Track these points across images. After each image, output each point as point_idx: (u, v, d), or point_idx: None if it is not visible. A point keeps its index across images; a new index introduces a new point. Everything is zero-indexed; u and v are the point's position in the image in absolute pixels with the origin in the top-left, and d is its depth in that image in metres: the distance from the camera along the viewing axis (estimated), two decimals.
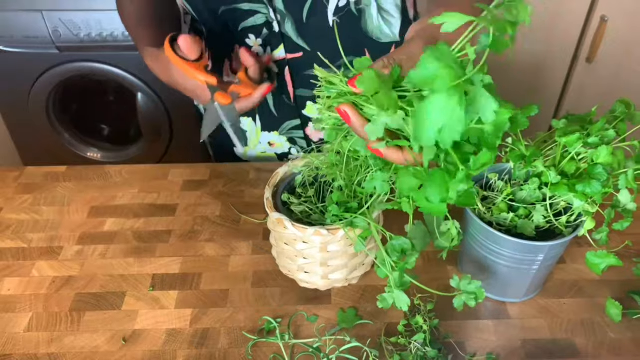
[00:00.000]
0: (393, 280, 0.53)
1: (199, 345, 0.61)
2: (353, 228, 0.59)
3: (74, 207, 0.80)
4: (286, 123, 0.88)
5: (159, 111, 1.78)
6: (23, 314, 0.65)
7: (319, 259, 0.63)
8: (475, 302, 0.53)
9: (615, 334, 0.62)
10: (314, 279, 0.66)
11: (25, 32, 1.63)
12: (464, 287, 0.54)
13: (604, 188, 0.57)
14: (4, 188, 0.84)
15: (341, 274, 0.66)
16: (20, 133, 1.87)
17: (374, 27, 0.79)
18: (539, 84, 1.83)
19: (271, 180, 0.67)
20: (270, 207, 0.63)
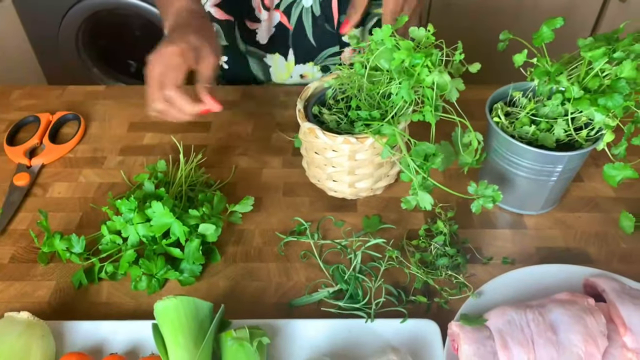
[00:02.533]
0: (417, 181, 0.57)
1: (234, 243, 0.67)
2: (380, 136, 0.62)
3: (115, 123, 0.85)
4: (325, 51, 0.90)
5: None
6: (73, 214, 0.71)
7: (347, 167, 0.67)
8: (492, 204, 0.57)
9: (627, 244, 0.66)
10: (342, 187, 0.70)
11: None
12: (481, 192, 0.57)
13: (625, 101, 0.59)
14: (48, 105, 0.89)
15: (367, 182, 0.70)
16: (51, 68, 1.91)
17: None
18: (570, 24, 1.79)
19: (303, 94, 0.70)
20: (302, 118, 0.66)
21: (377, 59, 0.62)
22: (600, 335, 0.48)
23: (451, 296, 0.59)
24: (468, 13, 1.72)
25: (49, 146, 0.80)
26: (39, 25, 1.79)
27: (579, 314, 0.50)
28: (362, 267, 0.62)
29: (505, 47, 0.68)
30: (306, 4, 0.84)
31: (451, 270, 0.61)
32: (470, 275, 0.62)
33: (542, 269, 0.61)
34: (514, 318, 0.51)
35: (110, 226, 0.64)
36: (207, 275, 0.63)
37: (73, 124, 0.85)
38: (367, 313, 0.57)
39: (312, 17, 0.85)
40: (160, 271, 0.61)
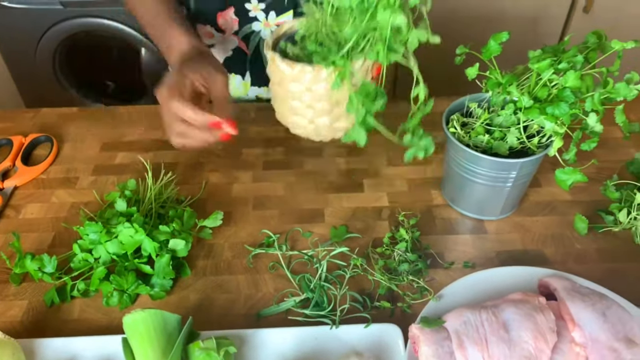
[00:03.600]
0: (358, 114, 0.59)
1: (204, 257, 0.68)
2: (334, 68, 0.61)
3: (87, 143, 0.87)
4: None
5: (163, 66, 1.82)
6: (46, 234, 0.72)
7: (307, 101, 0.65)
8: (425, 154, 0.60)
9: (581, 245, 0.69)
10: (303, 122, 0.68)
11: None
12: (414, 142, 0.60)
13: (571, 110, 0.62)
14: (21, 128, 0.90)
15: (326, 119, 0.67)
16: (28, 89, 1.92)
17: None
18: (537, 34, 1.85)
19: (275, 32, 0.69)
20: (268, 48, 0.66)
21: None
22: (550, 332, 0.51)
23: (413, 300, 0.62)
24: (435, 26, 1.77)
25: (22, 168, 0.81)
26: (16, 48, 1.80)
27: (530, 312, 0.52)
28: (328, 275, 0.64)
29: (462, 60, 0.71)
30: (263, 35, 0.88)
31: (412, 275, 0.63)
32: (431, 280, 0.64)
33: (500, 271, 0.64)
34: (470, 318, 0.53)
35: (81, 245, 0.65)
36: (177, 289, 0.65)
37: (46, 145, 0.86)
38: (332, 320, 0.59)
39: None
40: (132, 286, 0.63)
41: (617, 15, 1.80)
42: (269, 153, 0.84)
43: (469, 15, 1.75)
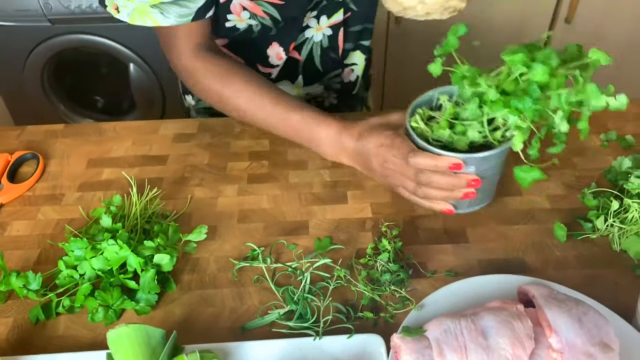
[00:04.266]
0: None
1: (189, 271, 0.69)
2: None
3: (73, 160, 0.87)
4: (329, 74, 0.99)
5: (151, 81, 1.84)
6: (32, 251, 0.72)
7: None
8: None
9: (560, 253, 0.70)
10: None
11: (17, 6, 1.67)
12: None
13: (536, 104, 0.61)
14: (7, 145, 0.90)
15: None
16: (17, 106, 1.93)
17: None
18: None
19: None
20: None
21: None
22: (527, 338, 0.52)
23: (396, 310, 0.63)
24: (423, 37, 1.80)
25: (8, 186, 0.81)
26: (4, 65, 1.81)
27: (508, 319, 0.53)
28: (312, 287, 0.65)
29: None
30: (316, 39, 0.91)
31: (394, 285, 0.64)
32: (413, 289, 0.65)
33: (481, 279, 0.65)
34: (450, 327, 0.54)
35: (67, 261, 0.66)
36: (163, 303, 0.66)
37: (32, 162, 0.87)
38: (315, 331, 0.60)
39: (320, 48, 0.93)
40: (117, 302, 0.63)
41: (598, 26, 1.83)
42: (254, 166, 0.85)
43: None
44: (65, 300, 0.64)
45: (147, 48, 1.78)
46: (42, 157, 0.86)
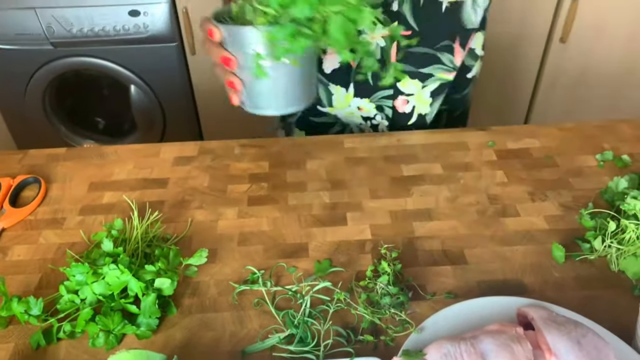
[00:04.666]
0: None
1: (190, 295, 0.69)
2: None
3: (75, 183, 0.88)
4: (379, 92, 0.98)
5: (152, 103, 1.86)
6: (33, 275, 0.73)
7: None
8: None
9: (559, 274, 0.70)
10: None
11: (20, 30, 1.70)
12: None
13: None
14: (9, 169, 0.91)
15: None
16: (18, 128, 1.94)
17: (467, 15, 0.92)
18: (516, 64, 1.91)
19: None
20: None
21: None
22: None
23: (396, 333, 0.63)
24: None
25: (10, 210, 0.82)
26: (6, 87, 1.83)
27: (507, 342, 0.53)
28: (312, 311, 0.65)
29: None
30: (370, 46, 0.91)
31: (394, 308, 0.64)
32: (413, 312, 0.66)
33: (480, 301, 0.65)
34: (450, 350, 0.54)
35: (68, 286, 0.66)
36: (163, 328, 0.66)
37: (34, 186, 0.87)
38: (316, 355, 0.60)
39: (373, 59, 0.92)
40: (118, 326, 0.63)
41: (592, 45, 1.86)
42: (254, 189, 0.86)
43: None
44: (67, 325, 0.64)
45: (148, 70, 1.80)
46: (44, 180, 0.87)
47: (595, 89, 1.94)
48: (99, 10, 1.66)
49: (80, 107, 1.99)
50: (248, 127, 1.94)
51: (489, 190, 0.84)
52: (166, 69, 1.79)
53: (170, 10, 1.69)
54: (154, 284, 0.66)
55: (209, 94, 1.87)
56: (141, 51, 1.76)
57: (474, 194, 0.83)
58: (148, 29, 1.70)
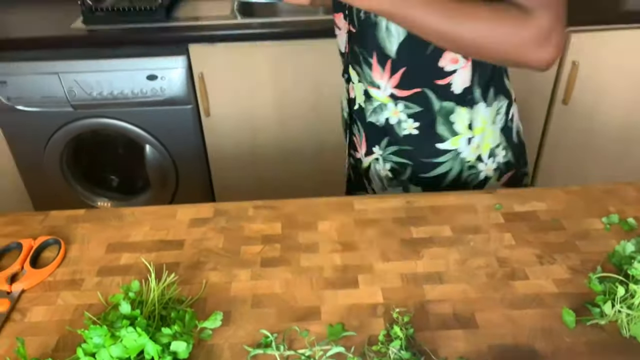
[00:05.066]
0: None
1: (204, 358, 0.70)
2: None
3: (93, 245, 0.91)
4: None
5: (166, 162, 1.91)
6: (51, 337, 0.74)
7: None
8: None
9: (570, 339, 0.71)
10: None
11: (43, 93, 1.78)
12: None
13: None
14: (31, 230, 0.94)
15: None
16: (35, 185, 1.99)
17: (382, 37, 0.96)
18: None
19: None
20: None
21: None
22: None
23: None
24: None
25: (30, 271, 0.84)
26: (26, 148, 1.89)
27: None
28: None
29: None
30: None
31: None
32: None
33: None
34: None
35: (85, 349, 0.67)
36: None
37: (54, 247, 0.90)
38: None
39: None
40: None
41: (594, 107, 1.91)
42: (267, 250, 0.88)
43: None
44: None
45: (163, 130, 1.87)
46: (63, 242, 0.90)
47: (599, 149, 1.98)
48: (119, 75, 1.74)
49: (96, 166, 2.05)
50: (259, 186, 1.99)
51: (497, 253, 0.85)
52: (181, 129, 1.86)
53: (186, 75, 1.77)
54: (170, 347, 0.67)
55: (222, 154, 1.92)
56: (157, 113, 1.83)
57: (483, 256, 0.85)
58: (165, 92, 1.77)
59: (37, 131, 1.83)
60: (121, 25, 1.74)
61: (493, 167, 1.07)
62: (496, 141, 1.05)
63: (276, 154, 1.92)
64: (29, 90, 1.75)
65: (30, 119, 1.80)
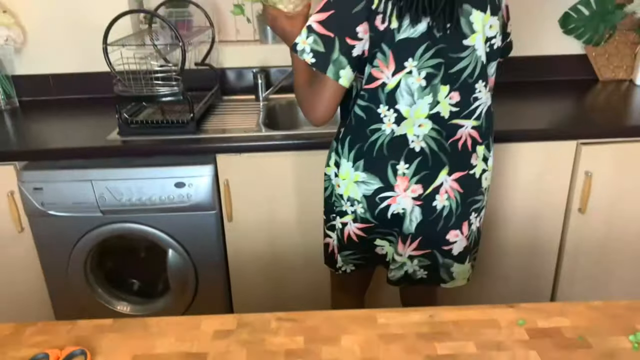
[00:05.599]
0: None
1: None
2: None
3: (119, 356, 0.91)
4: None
5: (187, 266, 1.94)
6: None
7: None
8: None
9: None
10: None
11: (75, 199, 1.86)
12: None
13: None
14: (58, 340, 0.96)
15: None
16: (57, 288, 2.02)
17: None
18: (538, 235, 1.97)
19: None
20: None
21: None
22: None
23: None
24: None
25: None
26: (52, 253, 1.94)
27: None
28: None
29: None
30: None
31: None
32: None
33: None
34: None
35: None
36: None
37: (79, 358, 0.91)
38: None
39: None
40: None
41: (611, 216, 1.93)
42: None
43: None
44: None
45: (186, 235, 1.91)
46: (89, 352, 0.91)
47: (619, 256, 1.97)
48: (148, 182, 1.83)
49: (118, 269, 2.08)
50: (278, 293, 1.99)
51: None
52: (204, 234, 1.91)
53: (212, 182, 1.85)
54: None
55: (242, 259, 1.95)
56: (182, 218, 1.89)
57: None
58: (191, 198, 1.84)
59: (65, 235, 1.89)
60: (154, 137, 1.86)
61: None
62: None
63: (296, 261, 1.94)
64: (62, 196, 1.83)
65: (60, 223, 1.86)
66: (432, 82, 1.18)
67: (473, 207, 1.35)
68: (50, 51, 2.28)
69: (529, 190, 1.89)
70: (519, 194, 1.89)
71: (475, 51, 1.19)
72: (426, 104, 1.20)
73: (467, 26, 1.17)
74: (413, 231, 1.32)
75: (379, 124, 1.23)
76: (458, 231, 1.34)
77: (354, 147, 1.28)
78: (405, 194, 1.28)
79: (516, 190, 1.88)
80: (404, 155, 1.25)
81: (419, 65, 1.16)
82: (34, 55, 2.28)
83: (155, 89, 1.82)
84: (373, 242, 1.40)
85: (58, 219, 1.87)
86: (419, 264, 1.38)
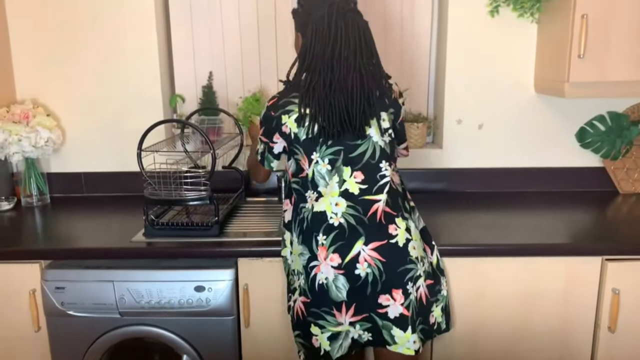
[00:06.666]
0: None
1: None
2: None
3: None
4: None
5: None
6: None
7: None
8: None
9: None
10: None
11: (95, 300, 1.86)
12: None
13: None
14: None
15: None
16: None
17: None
18: (567, 354, 1.88)
19: None
20: None
21: None
22: None
23: None
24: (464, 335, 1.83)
25: None
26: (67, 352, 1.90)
27: None
28: None
29: None
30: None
31: None
32: None
33: None
34: None
35: None
36: None
37: None
38: None
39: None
40: None
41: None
42: None
43: (498, 327, 1.84)
44: None
45: (202, 340, 1.88)
46: None
47: None
48: (169, 285, 1.83)
49: None
50: None
51: None
52: (220, 340, 1.86)
53: (232, 286, 1.84)
54: None
55: None
56: (199, 322, 1.86)
57: None
58: (210, 303, 1.83)
59: (81, 337, 1.86)
60: (177, 239, 1.88)
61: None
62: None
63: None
64: (83, 297, 1.82)
65: (77, 324, 1.85)
66: (335, 165, 1.48)
67: (407, 277, 1.47)
68: (85, 151, 2.39)
69: (555, 306, 1.84)
70: (546, 309, 1.83)
71: (371, 138, 1.49)
72: (335, 183, 1.48)
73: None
74: (345, 298, 1.48)
75: (304, 203, 1.54)
76: (388, 295, 1.47)
77: (296, 222, 1.55)
78: (325, 262, 1.47)
79: (543, 305, 1.83)
80: (323, 229, 1.48)
81: (321, 155, 1.49)
82: (70, 154, 2.40)
83: (184, 193, 1.87)
84: (309, 327, 1.53)
85: (76, 319, 1.85)
86: (361, 328, 1.51)
